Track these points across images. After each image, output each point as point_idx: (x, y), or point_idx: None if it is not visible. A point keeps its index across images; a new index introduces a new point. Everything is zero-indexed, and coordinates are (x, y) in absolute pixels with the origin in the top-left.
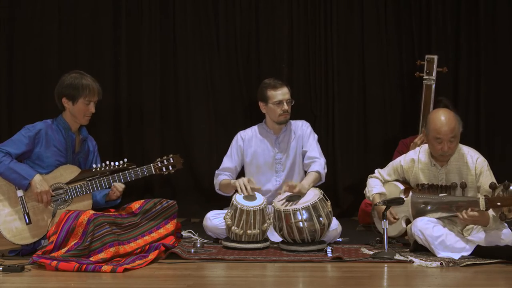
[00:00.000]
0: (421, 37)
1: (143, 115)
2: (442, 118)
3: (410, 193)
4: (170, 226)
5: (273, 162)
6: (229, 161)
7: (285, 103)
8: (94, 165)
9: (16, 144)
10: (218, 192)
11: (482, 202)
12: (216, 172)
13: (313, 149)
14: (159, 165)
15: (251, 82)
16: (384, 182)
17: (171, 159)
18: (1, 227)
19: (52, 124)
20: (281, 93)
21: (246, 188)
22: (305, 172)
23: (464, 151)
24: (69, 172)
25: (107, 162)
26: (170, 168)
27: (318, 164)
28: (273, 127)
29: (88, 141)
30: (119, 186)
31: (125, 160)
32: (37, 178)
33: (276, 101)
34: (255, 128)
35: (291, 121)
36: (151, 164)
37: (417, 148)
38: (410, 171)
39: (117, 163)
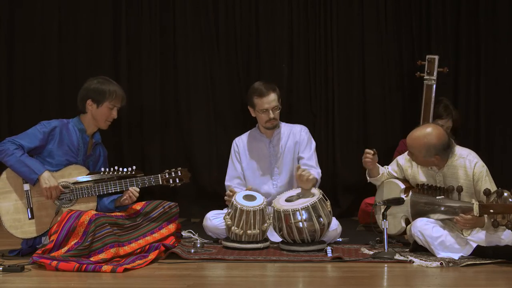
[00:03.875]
0: (421, 37)
1: (143, 115)
2: (418, 131)
3: (410, 193)
4: (172, 227)
5: (268, 166)
6: (233, 171)
7: (271, 112)
8: (102, 169)
9: (30, 138)
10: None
11: (476, 208)
12: (226, 184)
13: (311, 158)
14: (167, 176)
15: (251, 82)
16: (388, 175)
17: (179, 172)
18: (3, 218)
19: (68, 123)
20: (267, 101)
21: (229, 196)
22: None
23: (462, 155)
24: (77, 172)
25: (116, 168)
26: (177, 181)
27: (316, 173)
28: (265, 132)
29: (100, 147)
30: (135, 191)
31: (134, 167)
32: (46, 174)
33: (263, 109)
34: (249, 132)
35: (287, 124)
36: (159, 175)
37: None
38: (409, 171)
39: (125, 169)
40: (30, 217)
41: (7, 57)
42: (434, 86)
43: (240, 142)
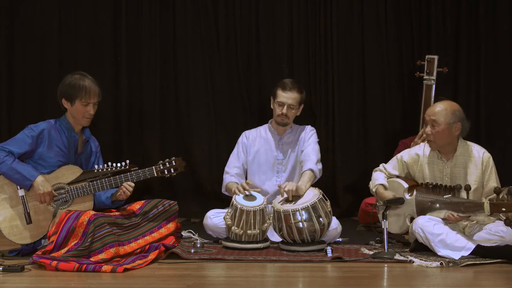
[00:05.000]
0: (421, 37)
1: (143, 115)
2: (438, 102)
3: (415, 192)
4: (171, 226)
5: (274, 162)
6: (235, 159)
7: (285, 107)
8: (96, 166)
9: (19, 144)
10: (224, 193)
11: (486, 207)
12: (226, 169)
13: (310, 149)
14: (161, 167)
15: (251, 82)
16: (389, 176)
17: (173, 162)
18: (1, 226)
19: (55, 124)
20: (286, 96)
21: (244, 189)
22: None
23: (470, 145)
24: (71, 172)
25: (109, 163)
26: (172, 171)
27: (310, 162)
28: (277, 128)
29: (90, 142)
30: (129, 186)
31: (127, 161)
32: (40, 179)
33: (279, 101)
34: (260, 128)
35: (298, 125)
36: (153, 167)
37: (422, 144)
38: (416, 166)
39: (119, 165)
40: (28, 222)
41: (7, 57)
42: (434, 86)
43: (250, 135)
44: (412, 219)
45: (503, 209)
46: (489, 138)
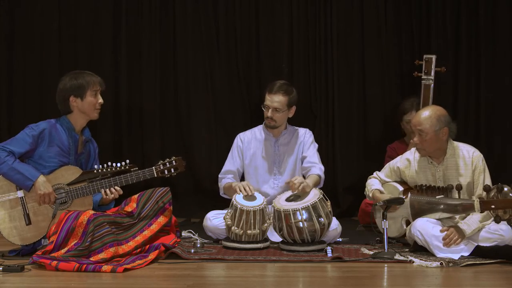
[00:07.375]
0: (421, 37)
1: (143, 115)
2: (422, 110)
3: (409, 194)
4: (168, 213)
5: (271, 165)
6: (230, 164)
7: (270, 110)
8: (95, 166)
9: (19, 143)
10: (223, 196)
11: (476, 205)
12: (219, 176)
13: (313, 156)
14: (161, 167)
15: (251, 83)
16: (383, 183)
17: (173, 161)
18: (1, 227)
19: (55, 124)
20: (270, 99)
21: (245, 189)
22: (303, 176)
23: (459, 146)
24: (70, 173)
25: (109, 164)
26: (172, 171)
27: (318, 168)
28: (272, 130)
29: (90, 143)
30: (115, 191)
31: (127, 161)
32: (41, 179)
33: (265, 104)
34: (254, 130)
35: (294, 127)
36: (153, 167)
37: (413, 149)
38: (407, 171)
39: (119, 165)
40: (27, 223)
41: (7, 57)
42: (432, 85)
43: (245, 138)
44: (407, 222)
45: (492, 206)
46: (488, 138)
